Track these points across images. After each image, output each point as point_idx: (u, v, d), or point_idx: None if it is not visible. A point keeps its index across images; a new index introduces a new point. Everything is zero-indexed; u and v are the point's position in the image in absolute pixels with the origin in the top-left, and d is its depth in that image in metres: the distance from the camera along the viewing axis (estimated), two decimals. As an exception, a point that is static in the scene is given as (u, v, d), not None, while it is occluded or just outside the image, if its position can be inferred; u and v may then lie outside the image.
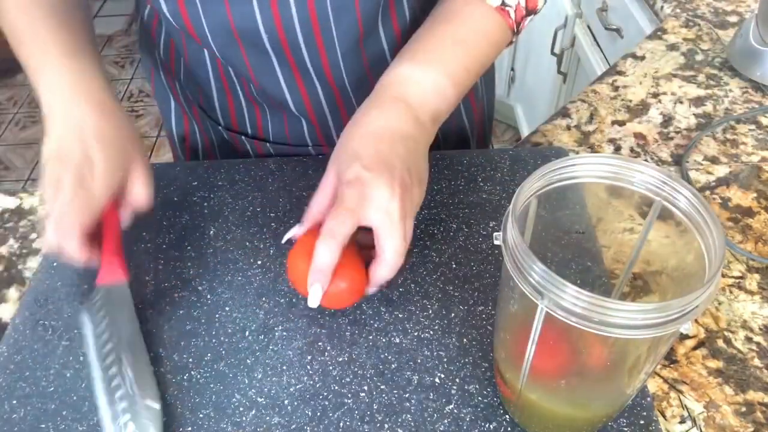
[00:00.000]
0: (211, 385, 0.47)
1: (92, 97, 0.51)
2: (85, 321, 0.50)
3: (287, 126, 0.66)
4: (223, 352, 0.49)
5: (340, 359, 0.48)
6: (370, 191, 0.44)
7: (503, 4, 0.52)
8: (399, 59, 0.52)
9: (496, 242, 0.35)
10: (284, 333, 0.50)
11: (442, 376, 0.47)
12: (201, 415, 0.45)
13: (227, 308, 0.52)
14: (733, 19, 0.91)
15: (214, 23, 0.54)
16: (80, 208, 0.47)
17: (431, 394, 0.46)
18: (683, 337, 0.51)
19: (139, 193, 0.51)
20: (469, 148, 0.78)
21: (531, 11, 0.54)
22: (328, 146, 0.67)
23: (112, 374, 0.46)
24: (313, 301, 0.45)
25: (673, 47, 0.85)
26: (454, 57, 0.51)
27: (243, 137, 0.69)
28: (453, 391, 0.46)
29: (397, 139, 0.47)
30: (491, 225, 0.58)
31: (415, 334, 0.50)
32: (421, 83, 0.50)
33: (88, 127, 0.49)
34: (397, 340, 0.49)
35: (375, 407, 0.45)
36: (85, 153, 0.48)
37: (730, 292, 0.54)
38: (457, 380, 0.47)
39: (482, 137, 0.80)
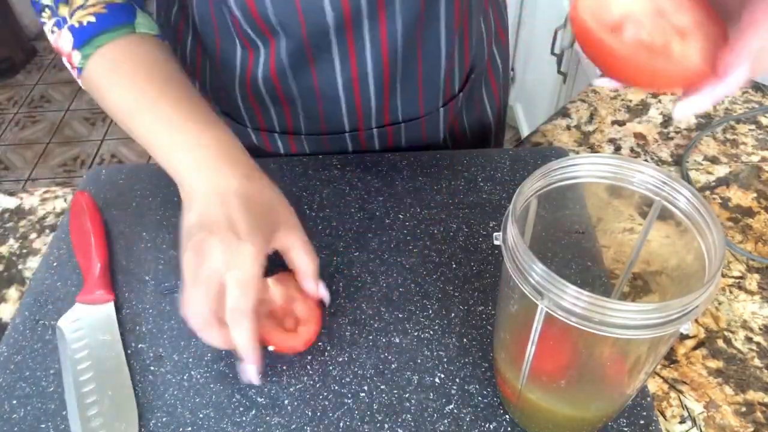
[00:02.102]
0: (211, 385, 0.47)
1: (238, 165, 0.48)
2: (62, 341, 0.49)
3: (325, 115, 0.65)
4: (223, 352, 0.49)
5: (340, 359, 0.48)
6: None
7: None
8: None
9: (496, 242, 0.35)
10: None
11: (442, 376, 0.47)
12: (201, 415, 0.45)
13: (227, 308, 0.52)
14: (733, 19, 0.91)
15: (280, 6, 0.53)
16: (247, 288, 0.43)
17: (431, 394, 0.46)
18: (683, 337, 0.51)
19: (305, 264, 0.48)
20: (489, 142, 0.78)
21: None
22: (365, 130, 0.66)
23: (89, 402, 0.46)
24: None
25: (673, 47, 0.85)
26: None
27: (275, 134, 0.68)
28: (453, 391, 0.46)
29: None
30: (491, 225, 0.58)
31: (415, 334, 0.50)
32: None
33: (232, 192, 0.46)
34: (397, 340, 0.49)
35: (375, 407, 0.45)
36: (228, 216, 0.45)
37: (730, 292, 0.54)
38: (457, 380, 0.47)
39: (498, 133, 0.81)
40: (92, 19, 0.52)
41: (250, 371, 0.44)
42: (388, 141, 0.68)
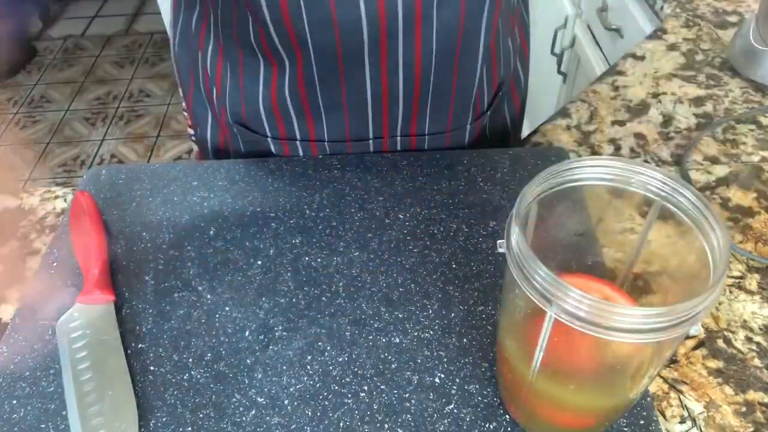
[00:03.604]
0: (211, 385, 0.47)
1: None
2: (62, 341, 0.49)
3: (350, 122, 0.64)
4: (223, 352, 0.49)
5: (340, 359, 0.48)
6: None
7: None
8: None
9: (500, 250, 0.35)
10: (284, 333, 0.50)
11: (442, 376, 0.47)
12: (201, 415, 0.45)
13: (227, 308, 0.52)
14: (733, 19, 0.91)
15: (314, 15, 0.52)
16: None
17: (431, 394, 0.46)
18: (684, 337, 0.51)
19: None
20: (510, 141, 0.78)
21: None
22: (389, 138, 0.66)
23: (89, 402, 0.46)
24: None
25: (673, 47, 0.85)
26: None
27: (296, 142, 0.67)
28: (453, 391, 0.46)
29: None
30: (491, 225, 0.58)
31: (415, 334, 0.50)
32: None
33: None
34: (397, 340, 0.49)
35: (375, 407, 0.45)
36: None
37: (730, 292, 0.54)
38: (457, 380, 0.47)
39: (517, 131, 0.81)
40: None
41: None
42: (410, 147, 0.68)
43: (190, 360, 0.49)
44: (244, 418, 0.45)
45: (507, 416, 0.45)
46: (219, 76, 0.66)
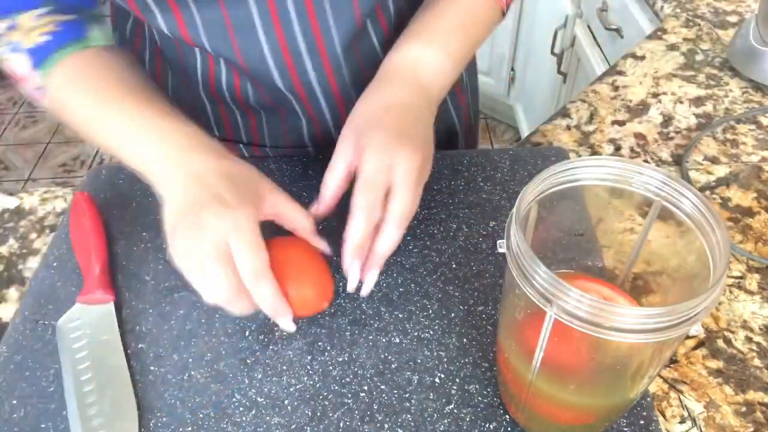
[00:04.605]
0: (211, 385, 0.47)
1: (207, 148, 0.48)
2: (62, 341, 0.49)
3: (285, 128, 0.66)
4: (223, 352, 0.49)
5: (340, 359, 0.48)
6: (396, 159, 0.45)
7: None
8: (404, 40, 0.53)
9: (500, 250, 0.35)
10: (284, 333, 0.50)
11: (442, 376, 0.47)
12: (201, 415, 0.45)
13: (227, 308, 0.52)
14: (733, 19, 0.91)
15: (212, 30, 0.53)
16: (257, 247, 0.43)
17: (431, 394, 0.46)
18: (684, 337, 0.51)
19: (303, 221, 0.49)
20: (458, 143, 0.78)
21: None
22: (327, 146, 0.67)
23: (89, 402, 0.46)
24: (353, 284, 0.47)
25: (673, 47, 0.85)
26: (455, 38, 0.54)
27: (240, 145, 0.69)
28: (453, 391, 0.46)
29: (416, 114, 0.49)
30: (491, 225, 0.58)
31: (415, 334, 0.50)
32: (431, 64, 0.51)
33: (210, 171, 0.46)
34: (397, 340, 0.49)
35: (375, 407, 0.45)
36: (213, 193, 0.44)
37: (730, 292, 0.54)
38: (457, 380, 0.47)
39: (468, 132, 0.80)
40: (48, 37, 0.52)
41: (285, 324, 0.45)
42: None
43: (190, 360, 0.49)
44: (244, 418, 0.45)
45: (507, 416, 0.45)
46: (159, 76, 0.67)
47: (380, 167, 0.45)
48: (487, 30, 0.56)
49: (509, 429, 0.44)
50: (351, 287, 0.47)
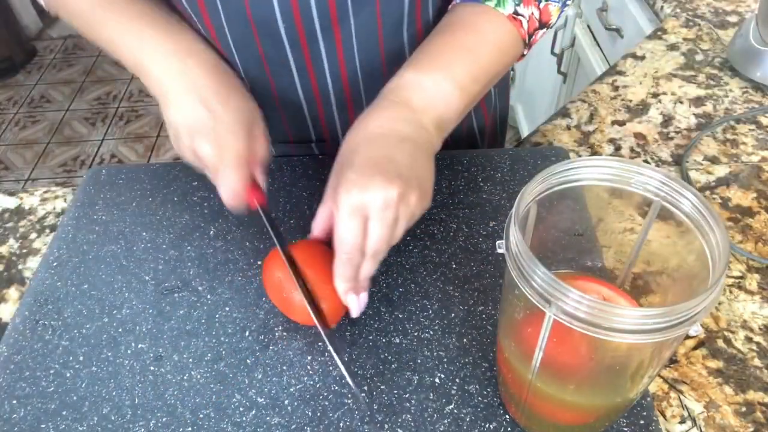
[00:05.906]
0: (211, 385, 0.47)
1: (203, 61, 0.51)
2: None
3: (289, 123, 0.66)
4: (223, 352, 0.49)
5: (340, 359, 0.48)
6: (367, 196, 0.43)
7: (515, 13, 0.51)
8: (405, 66, 0.51)
9: (499, 250, 0.35)
10: (284, 333, 0.50)
11: (442, 376, 0.47)
12: (201, 415, 0.45)
13: (227, 308, 0.52)
14: (733, 19, 0.91)
15: (230, 10, 0.53)
16: (240, 169, 0.48)
17: (431, 394, 0.46)
18: (684, 337, 0.51)
19: (262, 149, 0.52)
20: (478, 147, 0.77)
21: (544, 24, 0.54)
22: (332, 142, 0.67)
23: None
24: (358, 312, 0.47)
25: (673, 47, 0.85)
26: (461, 64, 0.50)
27: None
28: (453, 391, 0.46)
29: (394, 142, 0.46)
30: (491, 225, 0.58)
31: (415, 334, 0.50)
32: (426, 89, 0.49)
33: (209, 93, 0.49)
34: (397, 341, 0.49)
35: (375, 407, 0.45)
36: (215, 119, 0.48)
37: (730, 292, 0.54)
38: (457, 380, 0.47)
39: (493, 144, 0.80)
40: None
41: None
42: None
43: (190, 360, 0.49)
44: (244, 418, 0.45)
45: (507, 416, 0.45)
46: None
47: (352, 209, 0.43)
48: (504, 58, 0.53)
49: (509, 429, 0.44)
50: (356, 314, 0.48)
